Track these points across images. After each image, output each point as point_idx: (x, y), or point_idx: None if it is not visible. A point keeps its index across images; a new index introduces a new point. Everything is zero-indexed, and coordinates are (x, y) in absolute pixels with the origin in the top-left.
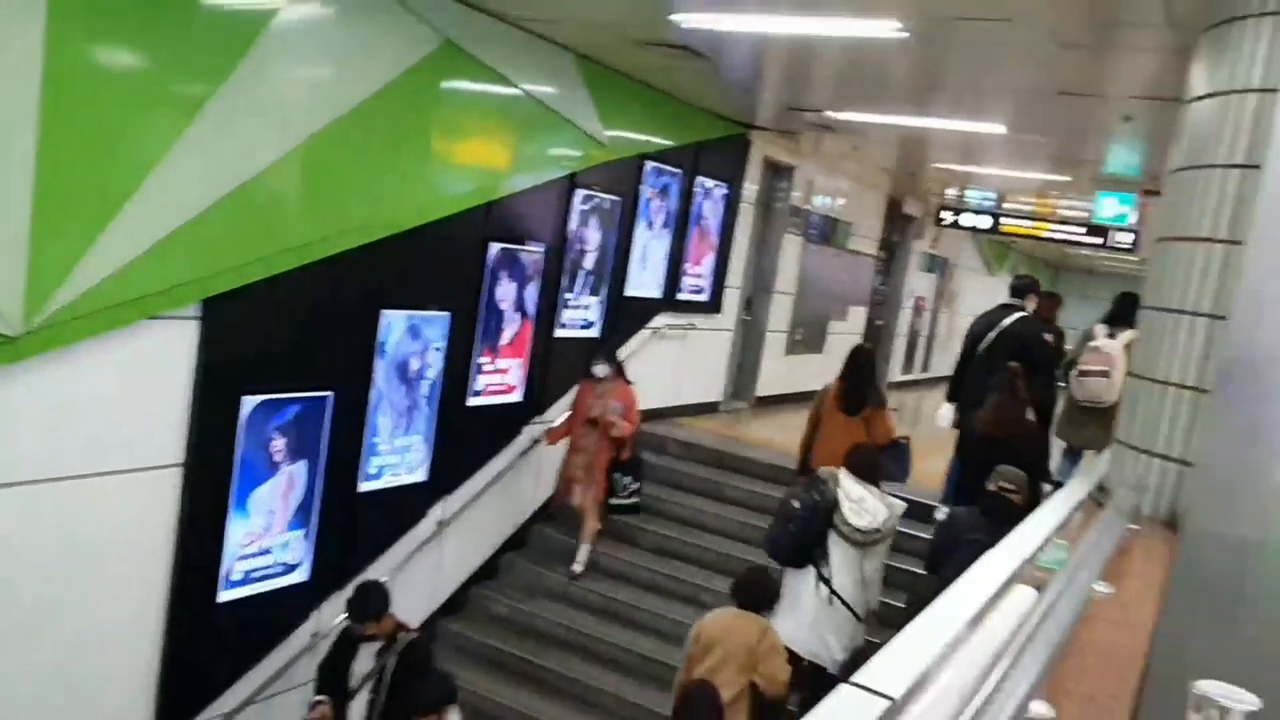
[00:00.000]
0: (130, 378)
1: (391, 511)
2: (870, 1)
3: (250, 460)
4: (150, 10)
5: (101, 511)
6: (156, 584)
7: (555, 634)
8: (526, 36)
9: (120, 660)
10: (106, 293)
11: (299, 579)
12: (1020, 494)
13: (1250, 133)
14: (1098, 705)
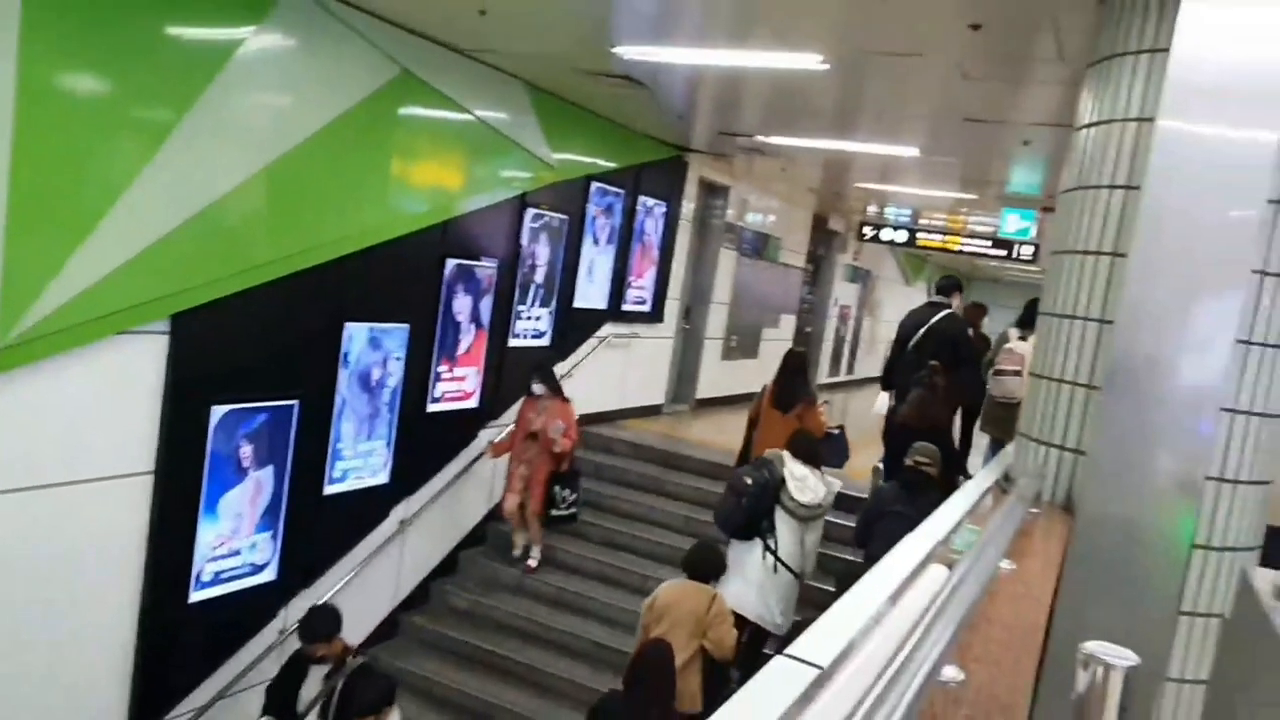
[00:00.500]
0: (102, 390)
1: (356, 512)
2: (794, 37)
3: (219, 466)
4: (120, 40)
5: (76, 518)
6: (130, 586)
7: (512, 624)
8: (479, 66)
9: (95, 660)
10: (79, 309)
11: (267, 578)
12: (934, 467)
13: (1130, 157)
14: (1003, 668)
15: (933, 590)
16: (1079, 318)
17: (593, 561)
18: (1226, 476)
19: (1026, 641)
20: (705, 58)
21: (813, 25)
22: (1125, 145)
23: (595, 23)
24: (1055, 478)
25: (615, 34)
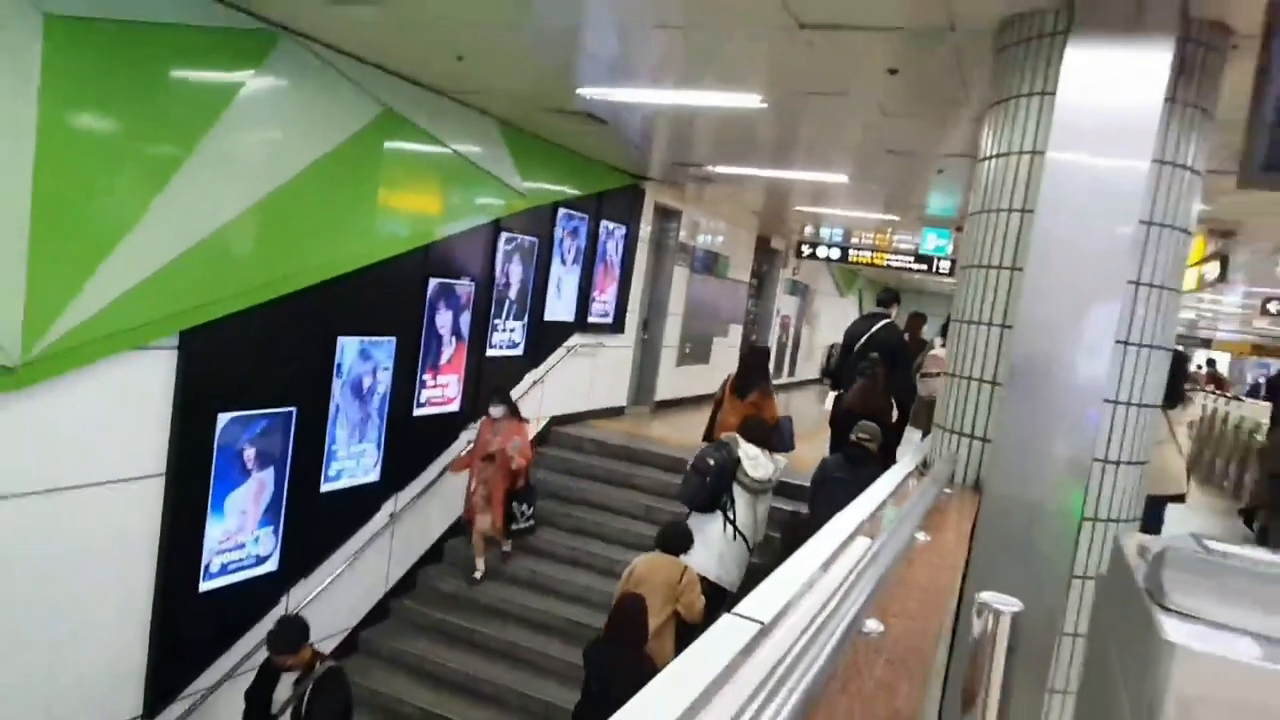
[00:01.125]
0: (117, 400)
1: (350, 508)
2: (736, 79)
3: (225, 468)
4: (132, 83)
5: (94, 517)
6: (144, 578)
7: (493, 606)
8: (455, 105)
9: (114, 646)
10: (95, 328)
11: (270, 569)
12: (874, 443)
13: (1025, 185)
14: (917, 622)
15: (858, 557)
16: (984, 323)
17: (564, 548)
18: (1110, 458)
19: (938, 600)
20: (658, 98)
21: (752, 69)
22: (1020, 174)
23: (560, 67)
24: (966, 462)
25: (578, 77)
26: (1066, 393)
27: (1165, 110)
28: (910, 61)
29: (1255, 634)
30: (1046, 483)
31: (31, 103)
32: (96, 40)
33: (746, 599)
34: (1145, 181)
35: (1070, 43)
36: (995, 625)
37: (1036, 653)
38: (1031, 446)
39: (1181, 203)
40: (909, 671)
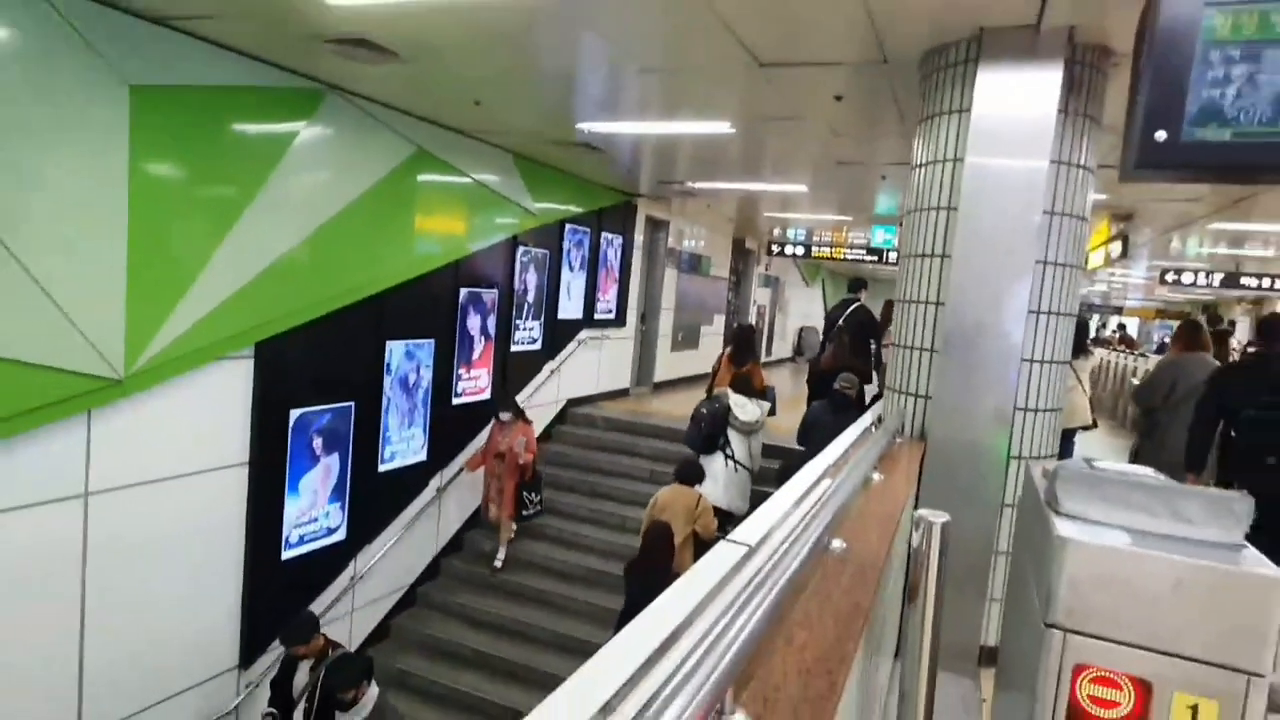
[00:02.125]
0: (205, 403)
1: (403, 483)
2: (709, 111)
3: (298, 455)
4: (205, 139)
5: (190, 502)
6: (235, 551)
7: (529, 560)
8: (475, 142)
9: (214, 607)
10: (183, 345)
11: (338, 538)
12: (853, 389)
13: (949, 186)
14: (872, 542)
15: (825, 492)
16: (922, 302)
17: (584, 509)
18: (1029, 407)
19: (889, 524)
20: (644, 128)
21: (721, 102)
22: (945, 178)
23: (561, 107)
24: (912, 416)
25: (577, 114)
26: (991, 355)
27: (1059, 120)
28: (853, 89)
29: (1124, 527)
30: (978, 429)
31: (123, 160)
32: (174, 104)
33: (737, 528)
34: (1046, 179)
35: (980, 69)
36: (929, 534)
37: (976, 569)
38: (964, 400)
39: (1077, 195)
40: (866, 578)
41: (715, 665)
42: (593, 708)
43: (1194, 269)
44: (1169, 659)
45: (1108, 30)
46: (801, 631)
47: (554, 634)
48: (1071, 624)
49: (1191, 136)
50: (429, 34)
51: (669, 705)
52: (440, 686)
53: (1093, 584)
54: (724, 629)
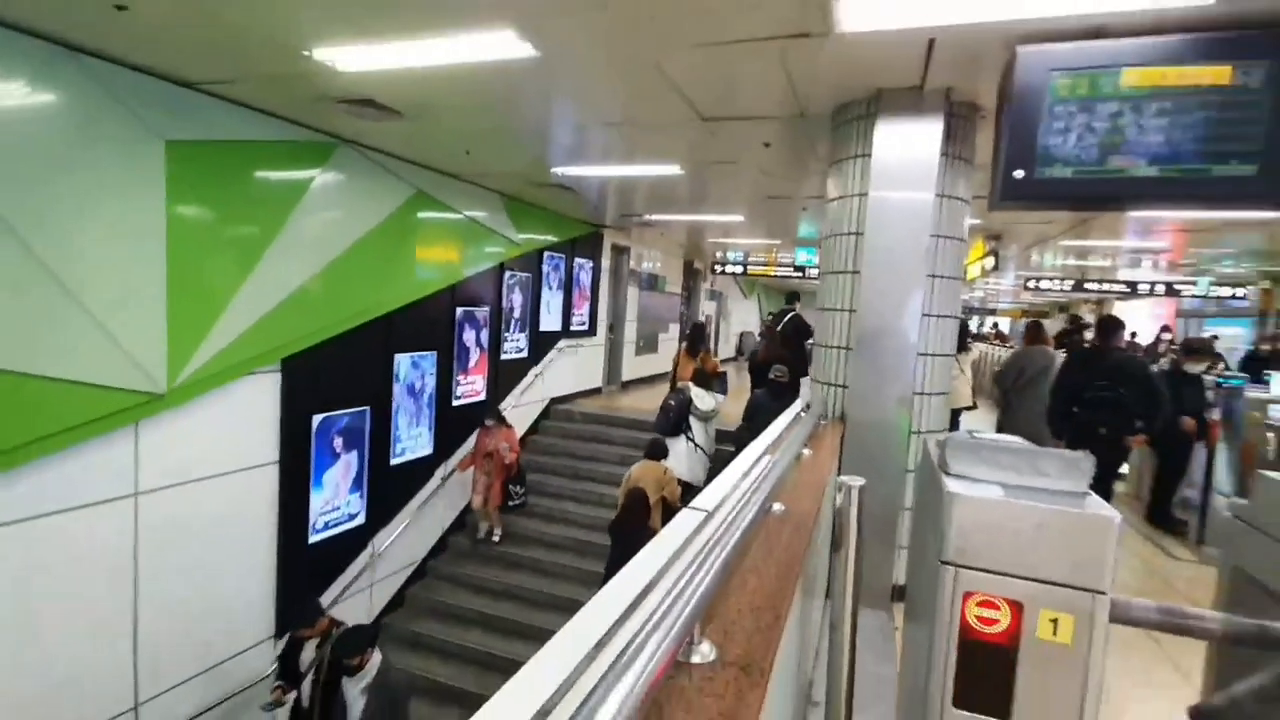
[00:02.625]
0: (239, 411)
1: (413, 474)
2: (661, 156)
3: (321, 454)
4: (232, 186)
5: (228, 496)
6: (268, 538)
7: (521, 534)
8: (468, 185)
9: (252, 587)
10: (218, 363)
11: (358, 523)
12: (785, 377)
13: (857, 216)
14: (805, 504)
15: (766, 466)
16: (839, 309)
17: (568, 490)
18: (924, 391)
19: (819, 489)
20: (608, 171)
21: (672, 150)
22: (854, 209)
23: (540, 156)
24: (833, 402)
25: (552, 160)
26: (894, 351)
27: (941, 161)
28: (778, 138)
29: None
30: (885, 411)
31: (160, 205)
32: (204, 156)
33: (697, 497)
34: (932, 209)
35: (879, 121)
36: (849, 496)
37: (887, 523)
38: (874, 388)
39: (957, 221)
40: (801, 533)
41: (685, 606)
42: (588, 644)
43: (1050, 277)
44: (1035, 584)
45: (977, 90)
46: (752, 577)
47: (547, 595)
48: (960, 560)
49: (1042, 175)
50: (427, 96)
51: (650, 638)
52: (451, 645)
53: (975, 528)
54: (691, 577)
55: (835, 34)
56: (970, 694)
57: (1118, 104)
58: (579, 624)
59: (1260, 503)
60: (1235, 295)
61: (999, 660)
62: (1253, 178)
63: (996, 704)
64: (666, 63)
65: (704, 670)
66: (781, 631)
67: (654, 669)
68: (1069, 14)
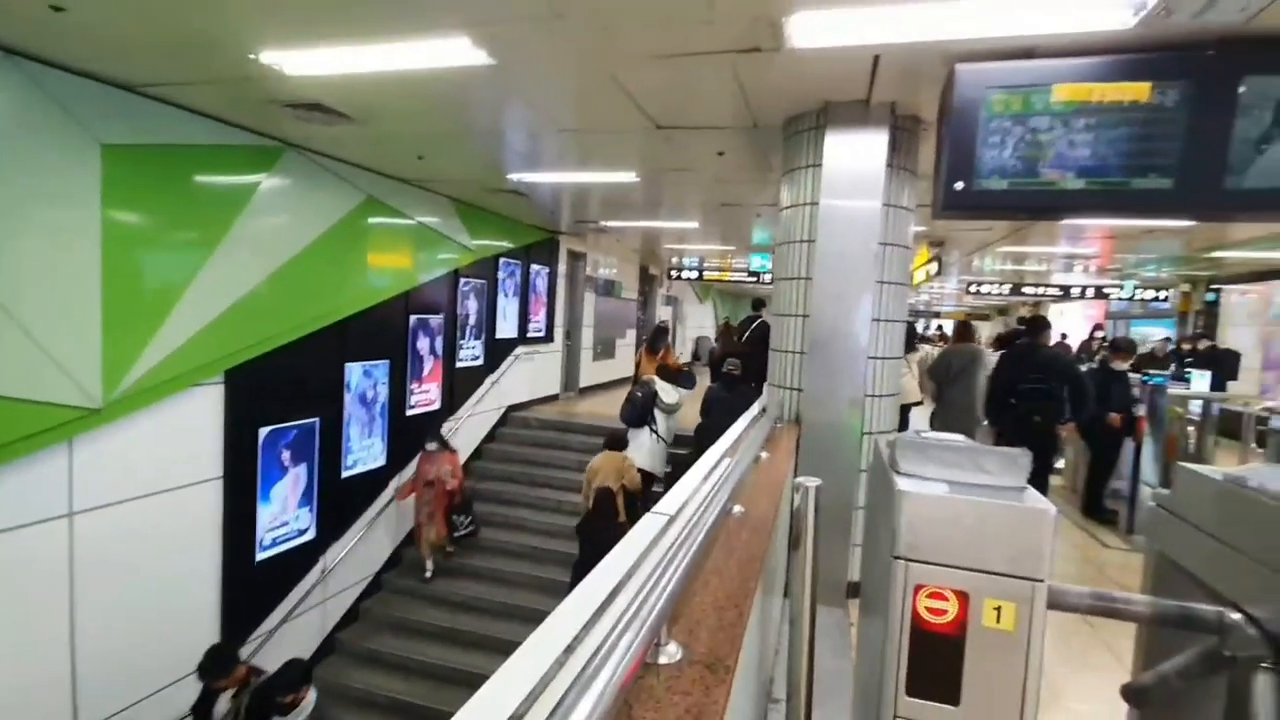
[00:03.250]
0: (179, 426)
1: (366, 486)
2: (617, 163)
3: (268, 467)
4: (173, 190)
5: (170, 514)
6: (212, 557)
7: (483, 544)
8: (419, 190)
9: (194, 607)
10: (157, 375)
11: (308, 538)
12: (738, 370)
13: (809, 224)
14: (764, 506)
15: (725, 469)
16: (793, 315)
17: (525, 497)
18: (875, 393)
19: (776, 491)
20: (563, 178)
21: (627, 157)
22: (806, 217)
23: (494, 161)
24: (788, 404)
25: (507, 166)
26: (845, 354)
27: (887, 172)
28: (732, 147)
29: (944, 480)
30: (839, 413)
31: (95, 211)
32: (143, 161)
33: (660, 501)
34: (880, 217)
35: (828, 133)
36: (806, 496)
37: (841, 521)
38: (827, 390)
39: (902, 228)
40: (760, 534)
41: (652, 609)
42: (558, 649)
43: (990, 281)
44: (979, 574)
45: (919, 104)
46: (714, 578)
47: (507, 605)
48: (911, 555)
49: (980, 186)
50: (377, 100)
51: (620, 641)
52: (409, 660)
53: (924, 523)
54: (657, 581)
55: (786, 49)
56: (922, 682)
57: (1048, 120)
58: (549, 629)
59: (1181, 493)
60: (1158, 298)
61: (948, 649)
62: (1169, 190)
63: (947, 691)
64: (622, 73)
65: (671, 669)
66: (745, 628)
67: (624, 671)
68: (1003, 35)
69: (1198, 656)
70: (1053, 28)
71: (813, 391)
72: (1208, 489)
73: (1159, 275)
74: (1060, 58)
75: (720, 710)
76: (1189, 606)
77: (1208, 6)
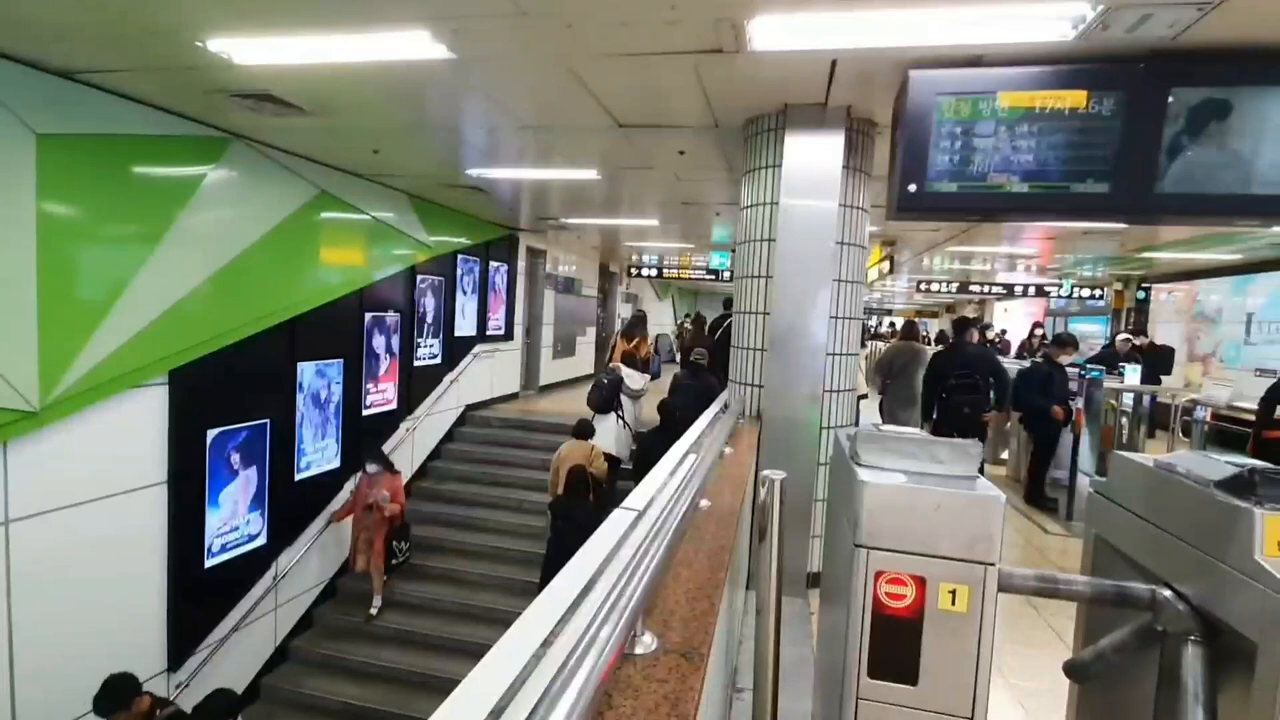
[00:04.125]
0: (121, 429)
1: (319, 488)
2: (578, 160)
3: (217, 470)
4: (112, 182)
5: (112, 520)
6: (158, 564)
7: (435, 544)
8: (375, 184)
9: (139, 617)
10: (97, 376)
11: (259, 544)
12: (704, 360)
13: (769, 223)
14: (730, 498)
15: (692, 465)
16: (754, 312)
17: (485, 497)
18: (833, 389)
19: (741, 484)
20: (524, 174)
21: (589, 154)
22: (766, 217)
23: (453, 156)
24: (750, 400)
25: (465, 162)
26: (804, 351)
27: (843, 173)
28: (693, 146)
29: (902, 470)
30: (799, 408)
31: (30, 206)
32: (81, 152)
33: (628, 498)
34: (837, 217)
35: (787, 134)
36: (772, 489)
37: (802, 514)
38: (787, 386)
39: (858, 228)
40: (727, 525)
41: (628, 603)
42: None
43: (939, 280)
44: (935, 560)
45: (874, 108)
46: (684, 569)
47: (467, 606)
48: (871, 543)
49: (932, 188)
50: (332, 92)
51: (599, 635)
52: (367, 665)
53: (884, 512)
54: (631, 575)
55: (747, 51)
56: (882, 665)
57: (993, 125)
58: (525, 625)
59: (1116, 479)
60: (1094, 296)
61: (907, 632)
62: (1106, 194)
63: (906, 671)
64: (586, 71)
65: (648, 659)
66: (717, 617)
67: (604, 662)
68: (953, 44)
69: (1132, 632)
70: (999, 37)
71: (773, 387)
72: (1141, 475)
73: (1095, 274)
74: (1006, 66)
75: (696, 696)
76: (1124, 585)
77: (1140, 22)
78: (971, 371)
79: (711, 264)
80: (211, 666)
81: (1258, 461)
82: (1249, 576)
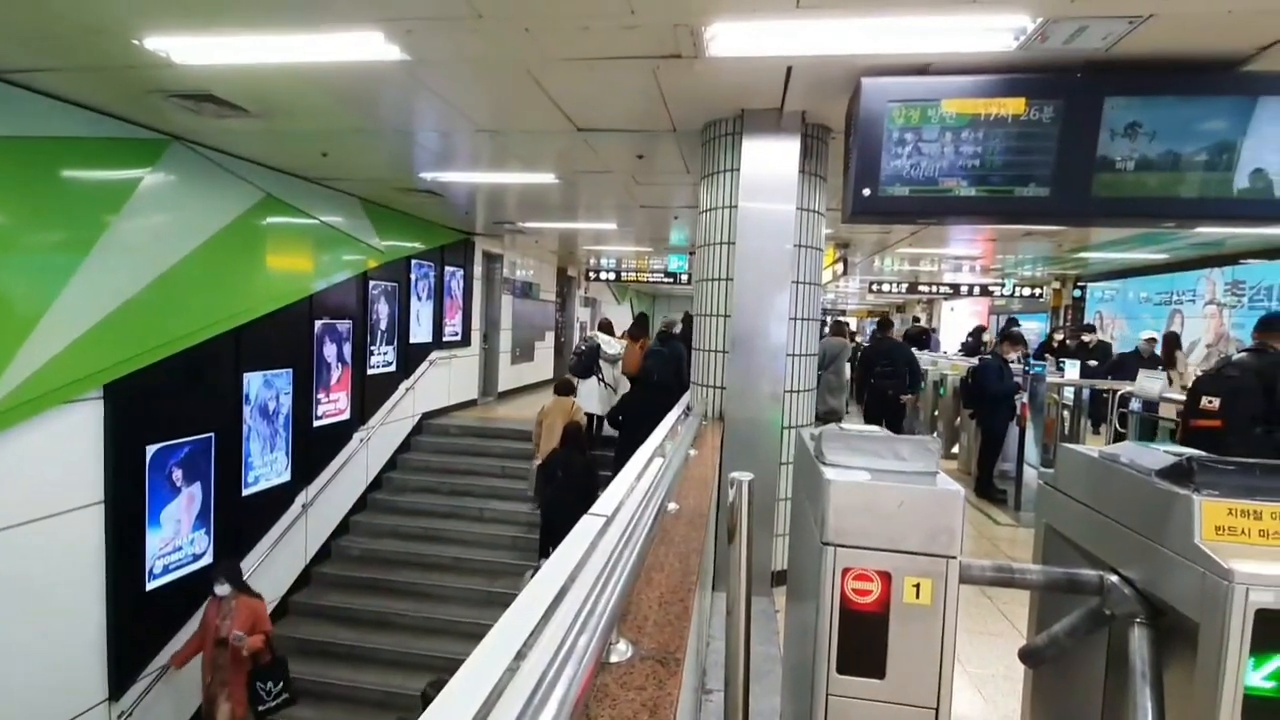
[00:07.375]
0: (53, 447)
1: (269, 503)
2: (536, 164)
3: (158, 488)
4: (38, 186)
5: (45, 544)
6: (96, 587)
7: (390, 556)
8: (324, 188)
9: (77, 644)
10: (25, 393)
11: (205, 563)
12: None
13: (728, 226)
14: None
15: (659, 469)
16: (715, 315)
17: (445, 506)
18: (793, 389)
19: (707, 486)
20: (479, 178)
21: (547, 159)
22: (725, 220)
23: (404, 160)
24: (713, 402)
25: (419, 165)
26: (765, 352)
27: (800, 178)
28: (650, 150)
29: (865, 468)
30: (760, 408)
31: None
32: (7, 154)
33: (596, 503)
34: (793, 220)
35: (744, 139)
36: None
37: (765, 512)
38: (749, 387)
39: (814, 231)
40: (696, 527)
41: (605, 608)
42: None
43: (890, 281)
44: (899, 554)
45: (827, 115)
46: (656, 573)
47: (427, 619)
48: (838, 540)
49: (885, 192)
50: (278, 93)
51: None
52: (326, 685)
53: (849, 510)
54: (606, 580)
55: (705, 57)
56: (850, 659)
57: (940, 131)
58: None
59: (1063, 471)
60: (1035, 294)
61: (873, 626)
62: (1046, 198)
63: (873, 665)
64: (543, 75)
65: (623, 667)
66: (690, 621)
67: (582, 675)
68: (901, 52)
69: (1083, 616)
70: (946, 47)
71: (735, 388)
72: (1086, 466)
73: (1035, 274)
74: (952, 74)
75: (674, 701)
76: (1074, 572)
77: (1076, 34)
78: (892, 361)
79: (670, 267)
80: (155, 696)
81: (1196, 451)
82: (1189, 560)
